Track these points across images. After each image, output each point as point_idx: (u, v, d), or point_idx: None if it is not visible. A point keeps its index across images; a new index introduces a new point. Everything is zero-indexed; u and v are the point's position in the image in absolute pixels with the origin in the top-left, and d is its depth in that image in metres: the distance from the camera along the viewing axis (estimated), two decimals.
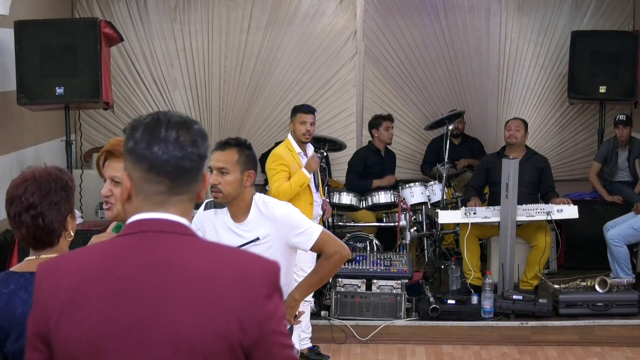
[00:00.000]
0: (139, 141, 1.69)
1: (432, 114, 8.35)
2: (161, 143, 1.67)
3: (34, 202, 2.24)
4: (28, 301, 2.21)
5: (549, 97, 8.46)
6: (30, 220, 2.24)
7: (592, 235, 7.08)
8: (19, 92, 6.15)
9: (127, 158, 1.71)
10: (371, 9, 8.35)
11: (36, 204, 2.24)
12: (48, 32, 6.18)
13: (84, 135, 8.25)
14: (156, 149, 1.67)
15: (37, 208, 2.24)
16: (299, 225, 3.37)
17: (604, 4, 8.24)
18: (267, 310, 1.65)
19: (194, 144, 1.70)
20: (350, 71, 8.44)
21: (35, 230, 2.26)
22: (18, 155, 6.76)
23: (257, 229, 3.38)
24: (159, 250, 1.65)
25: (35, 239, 2.28)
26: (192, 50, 8.38)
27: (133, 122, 1.73)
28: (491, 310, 6.04)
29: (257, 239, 3.38)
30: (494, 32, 8.35)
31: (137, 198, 1.72)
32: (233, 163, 3.32)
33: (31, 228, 2.25)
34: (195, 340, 1.60)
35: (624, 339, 5.92)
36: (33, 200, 2.24)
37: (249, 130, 8.53)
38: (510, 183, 6.17)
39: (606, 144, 7.38)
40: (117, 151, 2.58)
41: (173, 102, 8.47)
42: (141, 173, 1.69)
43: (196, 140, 1.71)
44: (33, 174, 2.29)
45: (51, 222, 2.26)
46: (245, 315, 1.62)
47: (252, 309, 1.63)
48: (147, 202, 1.70)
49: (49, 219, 2.26)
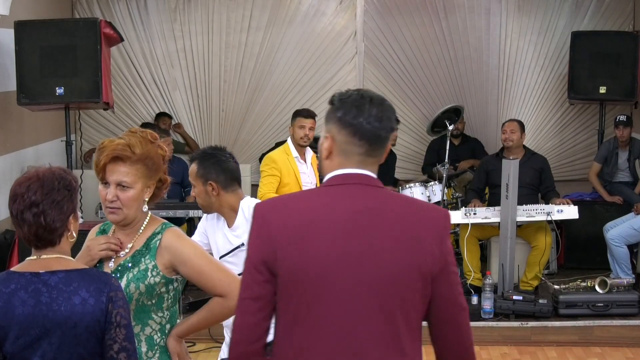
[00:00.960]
0: (348, 112, 2.14)
1: (432, 114, 8.33)
2: (366, 115, 2.12)
3: (36, 200, 2.24)
4: (28, 301, 2.22)
5: (549, 98, 8.46)
6: (32, 218, 2.24)
7: (592, 235, 7.09)
8: (19, 92, 6.14)
9: (334, 124, 2.15)
10: (371, 9, 8.34)
11: (38, 202, 2.24)
12: (48, 32, 6.18)
13: (84, 135, 8.24)
14: (361, 119, 2.12)
15: (39, 206, 2.24)
16: None
17: (604, 5, 8.24)
18: (448, 245, 2.14)
19: (389, 119, 2.16)
20: (351, 71, 8.44)
21: (37, 228, 2.25)
22: (18, 155, 6.76)
23: (243, 235, 3.40)
24: (366, 198, 2.12)
25: (37, 238, 2.27)
26: (192, 50, 8.38)
27: (340, 96, 2.18)
28: (491, 310, 6.03)
29: (242, 245, 3.41)
30: (494, 33, 8.35)
31: (340, 157, 2.17)
32: (194, 176, 3.45)
33: (33, 226, 2.25)
34: (399, 271, 2.07)
35: (624, 340, 5.92)
36: (35, 198, 2.24)
37: (249, 130, 8.54)
38: (510, 183, 6.17)
39: (606, 145, 7.37)
40: (125, 155, 2.56)
41: (173, 102, 8.47)
42: (347, 137, 2.14)
43: (390, 116, 2.17)
44: (37, 173, 2.29)
45: (53, 220, 2.26)
46: (436, 250, 2.10)
47: (440, 244, 2.11)
48: (350, 161, 2.15)
49: (51, 217, 2.25)
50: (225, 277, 2.62)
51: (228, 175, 3.47)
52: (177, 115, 8.48)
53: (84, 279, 2.26)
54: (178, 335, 2.65)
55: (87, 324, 2.22)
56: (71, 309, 2.21)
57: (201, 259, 2.61)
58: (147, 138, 2.64)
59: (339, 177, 2.17)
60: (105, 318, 2.23)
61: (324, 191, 2.18)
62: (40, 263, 2.29)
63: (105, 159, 2.57)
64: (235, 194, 3.48)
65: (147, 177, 2.62)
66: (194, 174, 3.47)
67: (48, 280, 2.24)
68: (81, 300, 2.22)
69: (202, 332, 5.79)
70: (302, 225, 2.10)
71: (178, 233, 2.66)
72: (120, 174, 2.57)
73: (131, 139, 2.60)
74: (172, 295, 2.64)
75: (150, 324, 2.60)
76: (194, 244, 2.69)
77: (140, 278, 2.56)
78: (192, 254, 2.60)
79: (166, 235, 2.61)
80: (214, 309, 2.65)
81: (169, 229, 2.65)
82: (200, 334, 5.85)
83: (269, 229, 2.11)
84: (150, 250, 2.60)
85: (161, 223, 2.67)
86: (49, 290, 2.23)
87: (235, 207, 3.48)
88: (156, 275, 2.57)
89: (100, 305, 2.23)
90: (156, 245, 2.60)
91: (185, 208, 6.38)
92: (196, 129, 8.52)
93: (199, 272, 2.59)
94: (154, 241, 2.61)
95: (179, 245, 2.60)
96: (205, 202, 3.47)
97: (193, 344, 5.82)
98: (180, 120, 8.49)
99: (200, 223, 3.71)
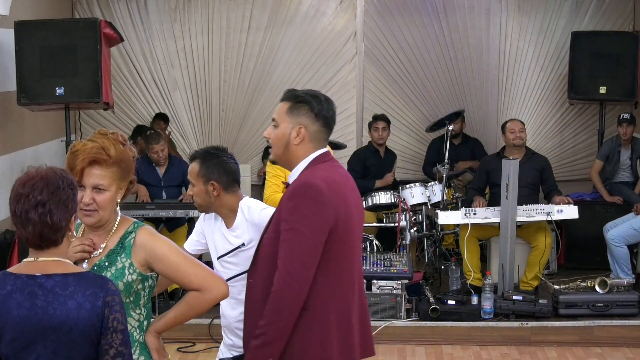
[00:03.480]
0: (322, 108, 2.89)
1: (432, 114, 8.35)
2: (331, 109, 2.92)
3: (43, 199, 2.23)
4: (23, 304, 2.20)
5: (549, 98, 8.46)
6: (38, 217, 2.23)
7: (592, 235, 7.09)
8: (19, 92, 6.15)
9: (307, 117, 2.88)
10: (371, 9, 8.34)
11: (45, 201, 2.23)
12: (48, 32, 6.18)
13: (84, 135, 8.23)
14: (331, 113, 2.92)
15: (46, 206, 2.23)
16: None
17: (604, 5, 8.25)
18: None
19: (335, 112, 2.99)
20: (351, 71, 8.44)
21: (43, 228, 2.24)
22: (18, 155, 6.76)
23: (243, 235, 3.42)
24: (340, 167, 2.98)
25: (42, 238, 2.25)
26: (192, 50, 8.38)
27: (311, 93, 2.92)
28: (491, 310, 6.03)
29: (242, 245, 3.42)
30: (494, 33, 8.35)
31: (312, 142, 2.89)
32: (195, 175, 3.44)
33: (38, 226, 2.23)
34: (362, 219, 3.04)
35: (624, 340, 5.92)
36: (42, 197, 2.23)
37: (249, 130, 8.54)
38: (510, 183, 6.17)
39: (609, 142, 7.37)
40: (101, 158, 2.59)
41: (173, 102, 8.47)
42: (320, 127, 2.90)
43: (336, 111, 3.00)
44: (39, 173, 2.28)
45: (59, 220, 2.25)
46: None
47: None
48: (320, 144, 2.91)
49: (57, 216, 2.24)
50: (201, 271, 2.65)
51: (230, 177, 3.46)
52: (177, 115, 8.48)
53: (80, 283, 2.24)
54: (156, 331, 2.68)
55: (83, 329, 2.20)
56: (67, 314, 2.20)
57: (176, 255, 2.64)
58: (119, 140, 2.67)
59: (320, 156, 2.90)
60: (101, 323, 2.22)
61: (329, 167, 2.90)
62: (37, 265, 2.27)
63: (82, 163, 2.58)
64: (235, 195, 3.48)
65: (120, 179, 2.65)
66: (195, 173, 3.45)
67: (44, 283, 2.22)
68: (77, 304, 2.21)
69: (202, 332, 5.81)
70: (340, 193, 2.81)
71: (151, 231, 2.70)
72: (96, 177, 2.59)
73: (104, 142, 2.62)
74: (148, 292, 2.68)
75: (129, 321, 2.59)
76: (167, 240, 2.70)
77: (118, 276, 2.58)
78: (167, 250, 2.63)
79: (140, 234, 2.65)
80: (191, 302, 2.67)
81: (142, 227, 2.69)
82: (200, 333, 5.87)
83: (331, 200, 2.75)
84: (125, 248, 2.63)
85: (133, 222, 2.71)
86: (45, 293, 2.21)
87: (234, 208, 3.47)
88: (133, 273, 2.60)
89: (96, 310, 2.21)
90: (131, 244, 2.62)
91: (185, 208, 6.38)
92: (196, 129, 8.52)
93: (174, 268, 2.62)
94: (128, 240, 2.64)
95: (153, 242, 2.64)
96: (204, 201, 3.46)
97: (193, 344, 5.83)
98: (180, 120, 8.49)
99: (197, 223, 3.71)
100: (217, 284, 2.67)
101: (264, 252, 2.86)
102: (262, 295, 2.79)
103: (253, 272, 2.92)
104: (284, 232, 2.74)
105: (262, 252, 2.88)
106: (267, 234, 2.89)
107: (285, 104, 2.92)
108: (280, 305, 2.71)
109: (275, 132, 2.91)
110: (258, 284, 2.86)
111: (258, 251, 2.93)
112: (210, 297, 2.65)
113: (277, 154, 2.94)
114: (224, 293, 2.68)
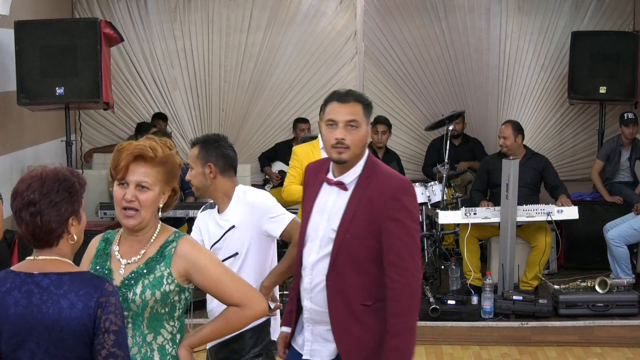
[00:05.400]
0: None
1: (432, 114, 8.35)
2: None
3: (34, 199, 2.22)
4: (20, 301, 2.21)
5: (549, 98, 8.46)
6: (29, 217, 2.23)
7: (592, 235, 7.08)
8: (19, 92, 6.14)
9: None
10: (371, 9, 8.34)
11: (35, 201, 2.22)
12: (48, 32, 6.18)
13: (84, 135, 8.24)
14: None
15: (36, 206, 2.22)
16: (271, 210, 3.52)
17: (604, 5, 8.25)
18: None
19: None
20: (351, 71, 8.44)
21: (34, 228, 2.24)
22: (18, 155, 6.76)
23: (234, 217, 3.52)
24: None
25: (34, 237, 2.26)
26: (192, 50, 8.38)
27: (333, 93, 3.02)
28: (491, 310, 6.03)
29: (233, 227, 3.52)
30: (494, 33, 8.35)
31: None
32: (194, 158, 3.57)
33: (30, 225, 2.24)
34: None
35: (624, 340, 5.92)
36: (33, 197, 2.22)
37: (249, 130, 8.54)
38: (510, 183, 6.17)
39: (610, 142, 7.35)
40: (148, 155, 2.53)
41: (173, 102, 8.47)
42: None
43: None
44: (41, 172, 2.27)
45: (49, 221, 2.23)
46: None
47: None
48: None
49: (47, 218, 2.23)
50: (241, 286, 2.58)
51: (227, 162, 3.58)
52: (177, 115, 8.48)
53: (74, 282, 2.23)
54: (190, 346, 2.59)
55: (74, 329, 2.19)
56: (59, 313, 2.19)
57: (217, 267, 2.58)
58: (167, 144, 2.62)
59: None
60: (93, 324, 2.20)
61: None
62: (36, 264, 2.27)
63: (127, 158, 2.52)
64: (230, 180, 3.58)
65: (164, 182, 2.58)
66: (195, 156, 3.57)
67: (40, 281, 2.22)
68: (69, 304, 2.19)
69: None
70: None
71: (193, 242, 2.63)
72: (140, 174, 2.52)
73: (151, 143, 2.58)
74: (183, 305, 2.59)
75: (162, 332, 2.55)
76: (209, 253, 2.67)
77: (155, 285, 2.51)
78: (209, 262, 2.56)
79: (181, 244, 2.57)
80: (230, 318, 2.58)
81: (183, 237, 2.61)
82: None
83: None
84: (165, 257, 2.55)
85: (173, 232, 2.63)
86: (40, 291, 2.21)
87: (229, 193, 3.56)
88: (171, 283, 2.52)
89: (88, 311, 2.20)
90: (171, 253, 2.54)
91: (186, 208, 6.39)
92: (196, 129, 8.52)
93: (215, 281, 2.54)
94: (169, 249, 2.56)
95: (195, 253, 2.56)
96: (201, 183, 3.57)
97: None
98: (180, 120, 8.49)
99: (195, 222, 3.80)
100: (258, 299, 2.59)
101: (352, 248, 2.90)
102: (359, 292, 2.88)
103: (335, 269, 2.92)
104: (398, 229, 2.87)
105: (349, 248, 2.90)
106: (354, 231, 2.90)
107: (358, 105, 2.94)
108: (414, 299, 2.88)
109: (358, 133, 2.93)
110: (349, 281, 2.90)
111: (338, 249, 2.92)
112: (250, 314, 2.57)
113: (355, 154, 2.95)
114: (263, 310, 2.60)
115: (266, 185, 8.09)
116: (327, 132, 2.95)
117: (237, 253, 3.51)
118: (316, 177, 3.10)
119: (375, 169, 2.98)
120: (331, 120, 2.93)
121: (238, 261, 3.51)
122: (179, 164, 2.65)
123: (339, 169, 3.00)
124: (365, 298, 2.91)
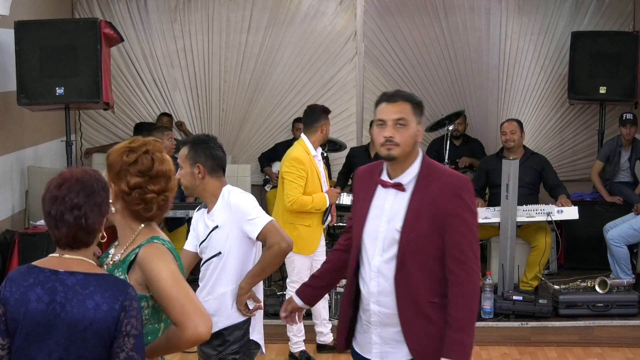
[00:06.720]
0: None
1: (432, 114, 8.34)
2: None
3: (79, 202, 2.26)
4: (43, 298, 2.23)
5: (549, 98, 8.46)
6: (73, 220, 2.25)
7: (592, 235, 7.08)
8: (19, 92, 6.14)
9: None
10: (371, 10, 8.34)
11: (81, 204, 2.26)
12: (48, 32, 6.17)
13: (84, 135, 8.25)
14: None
15: (82, 209, 2.26)
16: (249, 213, 3.56)
17: (604, 5, 8.24)
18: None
19: None
20: (351, 72, 8.44)
21: (77, 230, 2.27)
22: (18, 155, 6.76)
23: (218, 217, 3.59)
24: None
25: (75, 239, 2.29)
26: (192, 50, 8.38)
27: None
28: (491, 310, 6.03)
29: (217, 227, 3.58)
30: (494, 33, 8.35)
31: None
32: (183, 158, 3.64)
33: (73, 228, 2.26)
34: None
35: (624, 340, 5.92)
36: (78, 200, 2.26)
37: (249, 130, 8.54)
38: (510, 184, 6.17)
39: (610, 143, 7.35)
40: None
41: (173, 102, 8.47)
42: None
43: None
44: (72, 175, 2.30)
45: (93, 222, 2.28)
46: None
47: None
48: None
49: (92, 219, 2.28)
50: (187, 304, 2.38)
51: (215, 162, 3.64)
52: (177, 115, 8.48)
53: (100, 284, 2.26)
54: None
55: (97, 330, 2.21)
56: (83, 313, 2.21)
57: (168, 281, 2.40)
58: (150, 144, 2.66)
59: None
60: (115, 326, 2.23)
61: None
62: (62, 261, 2.29)
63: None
64: (218, 180, 3.64)
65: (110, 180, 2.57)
66: (184, 156, 3.64)
67: (66, 280, 2.25)
68: (95, 305, 2.22)
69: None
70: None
71: (154, 251, 2.46)
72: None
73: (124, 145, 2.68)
74: (148, 313, 2.48)
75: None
76: (168, 263, 2.45)
77: None
78: (162, 273, 2.41)
79: (142, 251, 2.46)
80: (169, 336, 2.46)
81: (149, 244, 2.48)
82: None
83: None
84: (124, 262, 2.50)
85: (150, 236, 2.52)
86: (65, 290, 2.23)
87: (216, 193, 3.63)
88: None
89: (112, 313, 2.22)
90: (131, 259, 2.48)
91: (185, 208, 6.38)
92: (196, 129, 8.52)
93: (162, 294, 2.40)
94: (132, 254, 2.49)
95: (151, 263, 2.43)
96: (190, 183, 3.64)
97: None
98: (180, 120, 8.48)
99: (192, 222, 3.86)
100: (196, 322, 2.37)
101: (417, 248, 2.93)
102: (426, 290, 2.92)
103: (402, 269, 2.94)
104: (460, 225, 2.91)
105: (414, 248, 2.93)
106: (419, 230, 2.93)
107: (406, 104, 3.00)
108: (475, 294, 2.95)
109: (407, 130, 3.00)
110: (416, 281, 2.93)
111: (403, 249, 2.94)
112: (182, 336, 2.40)
113: (405, 151, 3.02)
114: (198, 335, 2.39)
115: (266, 185, 8.09)
116: (377, 132, 3.03)
117: (220, 252, 3.57)
118: (369, 181, 3.12)
119: (433, 168, 3.06)
120: (380, 120, 3.01)
121: (221, 261, 3.57)
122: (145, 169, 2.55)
123: (394, 170, 3.04)
124: (432, 295, 2.94)
